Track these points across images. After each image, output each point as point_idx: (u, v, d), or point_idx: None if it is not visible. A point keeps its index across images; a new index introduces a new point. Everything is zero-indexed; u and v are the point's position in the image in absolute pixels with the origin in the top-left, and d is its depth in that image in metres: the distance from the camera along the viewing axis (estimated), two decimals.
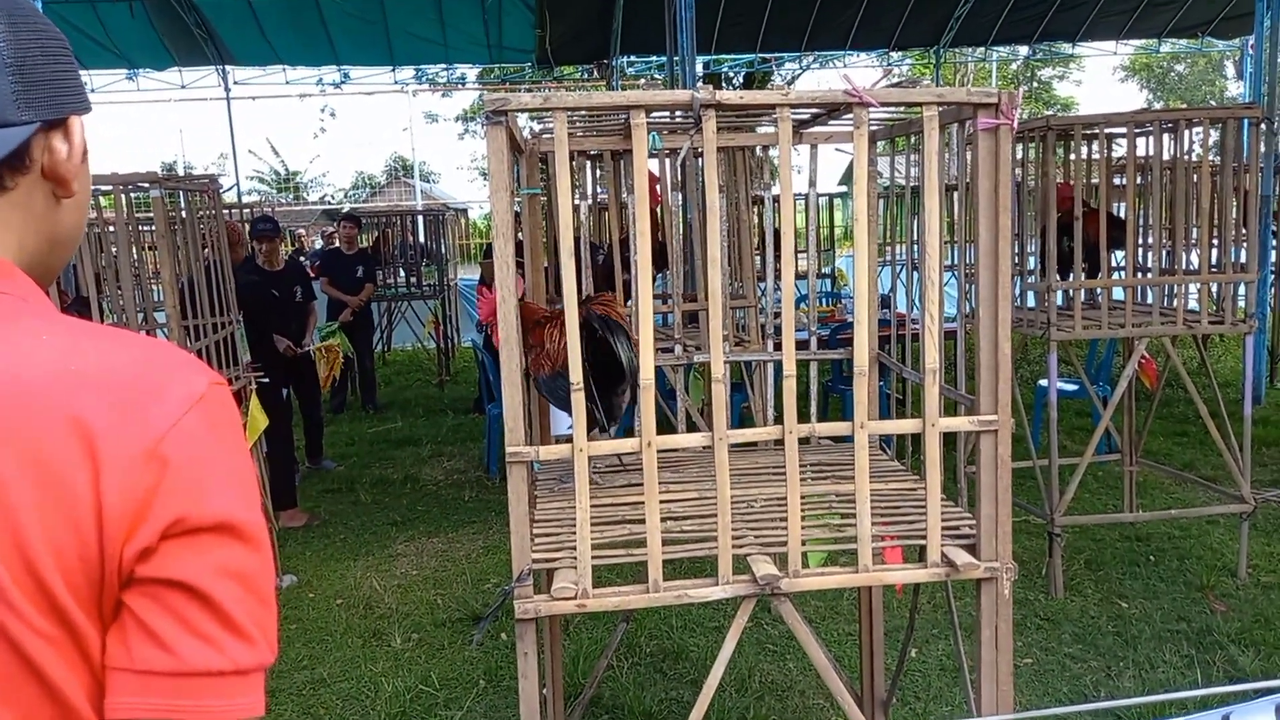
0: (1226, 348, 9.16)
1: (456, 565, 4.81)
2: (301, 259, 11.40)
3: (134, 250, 3.86)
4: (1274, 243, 7.20)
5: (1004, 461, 1.82)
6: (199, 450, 0.72)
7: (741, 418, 5.67)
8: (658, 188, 3.26)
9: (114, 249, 3.70)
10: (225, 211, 4.75)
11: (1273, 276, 7.49)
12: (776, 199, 5.32)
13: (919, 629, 3.73)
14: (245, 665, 0.72)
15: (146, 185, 3.68)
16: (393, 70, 12.15)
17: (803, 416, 2.60)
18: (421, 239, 11.24)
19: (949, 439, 2.80)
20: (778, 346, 2.83)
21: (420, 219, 11.43)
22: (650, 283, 1.65)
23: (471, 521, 5.48)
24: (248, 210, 10.68)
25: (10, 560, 0.67)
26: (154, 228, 3.86)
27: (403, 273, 10.65)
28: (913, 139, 2.41)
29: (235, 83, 12.20)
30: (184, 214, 4.11)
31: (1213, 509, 4.53)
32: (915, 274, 3.74)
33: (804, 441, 1.81)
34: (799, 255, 7.83)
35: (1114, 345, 6.15)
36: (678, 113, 2.56)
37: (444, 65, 13.19)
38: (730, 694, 3.40)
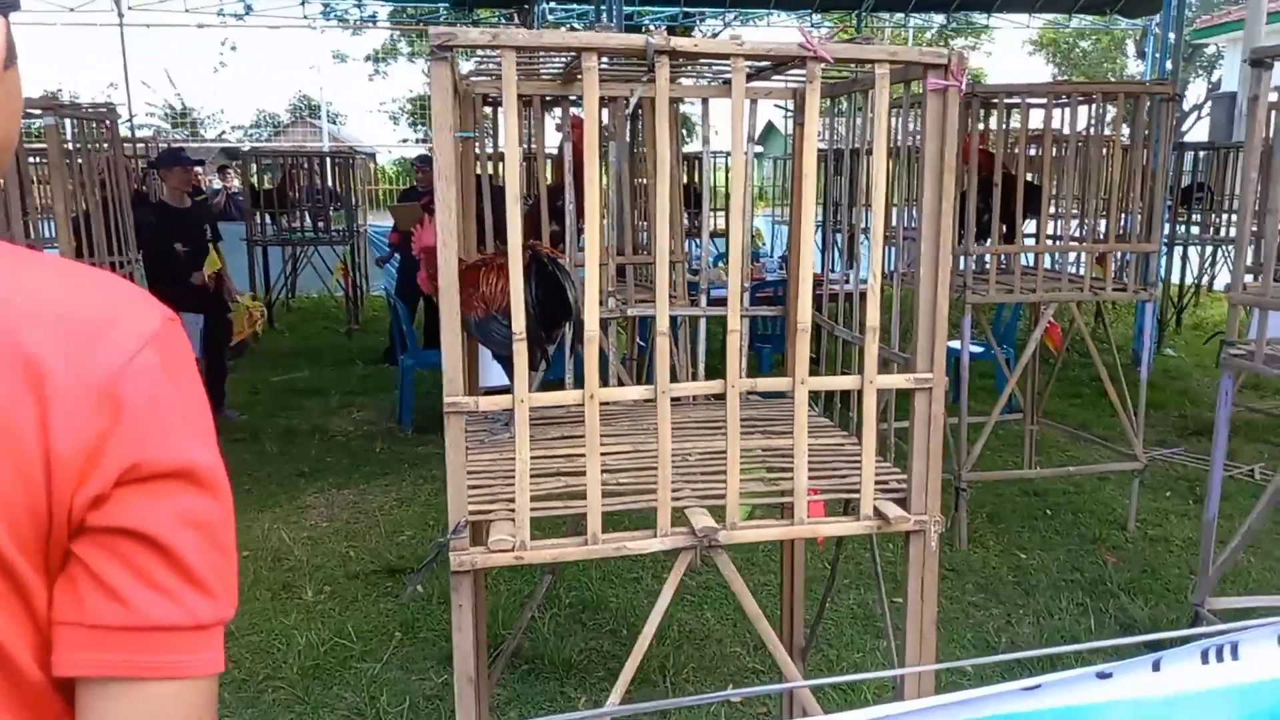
0: (1118, 315, 9.60)
1: (369, 517, 4.72)
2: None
3: (22, 183, 3.61)
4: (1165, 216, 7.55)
5: (937, 419, 1.86)
6: (155, 390, 0.66)
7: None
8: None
9: (0, 180, 3.45)
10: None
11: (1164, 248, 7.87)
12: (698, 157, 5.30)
13: (826, 579, 3.84)
14: (205, 619, 0.68)
15: (39, 112, 3.43)
16: (302, 4, 11.61)
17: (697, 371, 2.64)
18: (329, 183, 10.84)
19: (848, 396, 2.86)
20: (699, 303, 2.84)
21: (328, 161, 11.02)
22: (598, 235, 1.62)
23: (384, 474, 5.38)
24: (141, 145, 10.11)
25: None
26: (47, 158, 3.61)
27: (308, 217, 10.28)
28: (840, 101, 2.41)
29: (129, 8, 11.49)
30: (77, 145, 3.86)
31: (1106, 466, 4.77)
32: (836, 234, 3.78)
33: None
34: (718, 214, 7.84)
35: (1018, 310, 6.38)
36: (617, 60, 2.50)
37: (355, 2, 12.69)
38: (650, 643, 3.44)
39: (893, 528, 1.86)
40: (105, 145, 4.02)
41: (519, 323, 1.61)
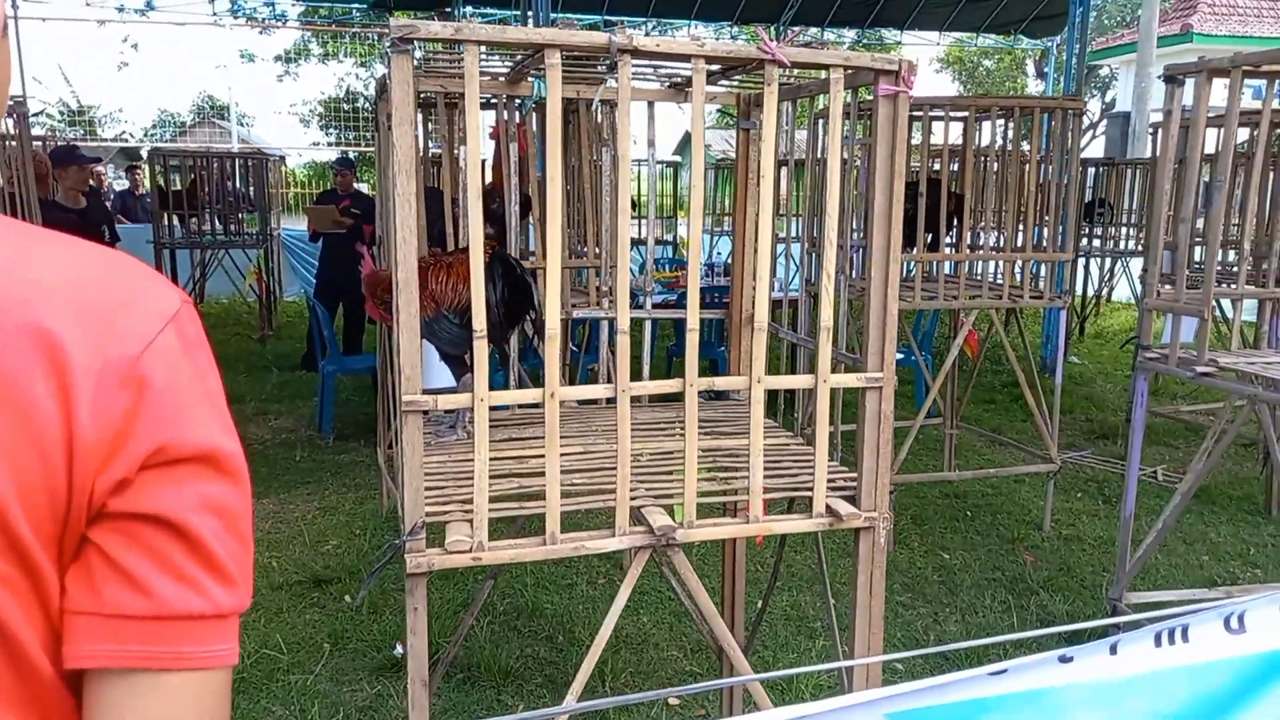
0: (1025, 323, 9.98)
1: (291, 527, 4.59)
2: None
3: None
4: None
5: (887, 418, 1.90)
6: (176, 372, 0.64)
7: (588, 379, 5.68)
8: (528, 137, 3.19)
9: None
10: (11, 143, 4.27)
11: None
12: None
13: (762, 582, 3.89)
14: (225, 608, 0.65)
15: None
16: (210, 1, 11.25)
17: (637, 376, 2.65)
18: (238, 185, 10.52)
19: (792, 398, 2.92)
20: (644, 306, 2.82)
21: (238, 163, 10.68)
22: (560, 234, 1.61)
23: (305, 482, 5.24)
24: (36, 144, 9.63)
25: None
26: None
27: (218, 220, 9.94)
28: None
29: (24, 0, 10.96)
30: None
31: (1022, 468, 4.94)
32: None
33: (677, 397, 1.82)
34: (640, 221, 7.84)
35: (936, 317, 6.57)
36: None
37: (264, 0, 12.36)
38: (587, 649, 3.43)
39: (844, 524, 1.90)
40: (12, 143, 3.82)
41: (480, 320, 1.58)
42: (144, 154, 10.40)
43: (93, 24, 13.92)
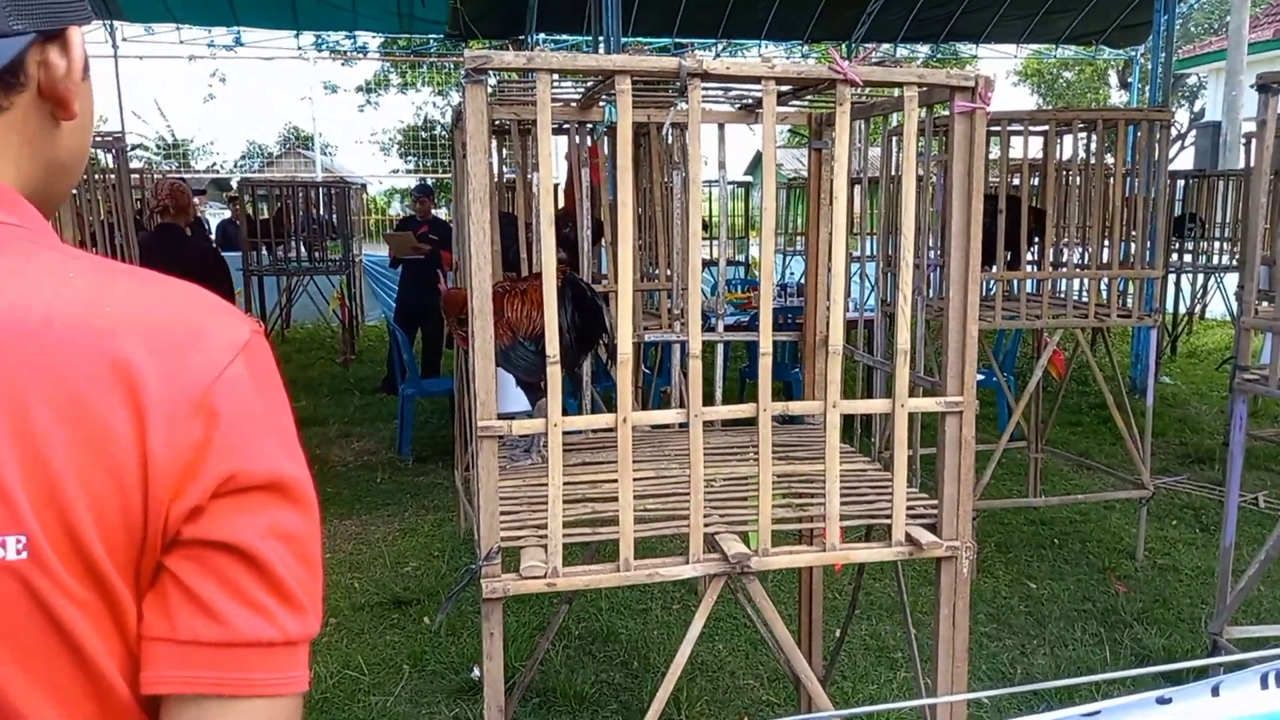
0: (1113, 342, 9.65)
1: (373, 548, 4.67)
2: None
3: None
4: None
5: (968, 443, 1.85)
6: (247, 402, 0.65)
7: (660, 402, 5.67)
8: (599, 163, 3.21)
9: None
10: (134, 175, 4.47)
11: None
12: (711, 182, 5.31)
13: (840, 610, 3.81)
14: (295, 636, 0.66)
15: None
16: (296, 36, 11.67)
17: (709, 399, 2.62)
18: (322, 212, 10.85)
19: (868, 422, 2.86)
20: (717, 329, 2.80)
21: (322, 192, 11.03)
22: (631, 257, 1.61)
23: (386, 504, 5.33)
24: (135, 176, 10.09)
25: (47, 519, 0.59)
26: None
27: (303, 247, 10.27)
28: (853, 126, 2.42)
29: (123, 39, 11.53)
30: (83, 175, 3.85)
31: (1112, 494, 4.76)
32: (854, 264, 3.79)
33: (750, 421, 1.79)
34: (710, 243, 7.82)
35: (1018, 336, 6.40)
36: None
37: (346, 33, 12.75)
38: (662, 675, 3.40)
39: (925, 554, 1.84)
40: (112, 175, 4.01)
41: (553, 346, 1.59)
42: (234, 184, 10.81)
43: (184, 59, 14.54)
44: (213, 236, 11.90)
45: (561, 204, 4.22)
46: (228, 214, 13.89)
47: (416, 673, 3.43)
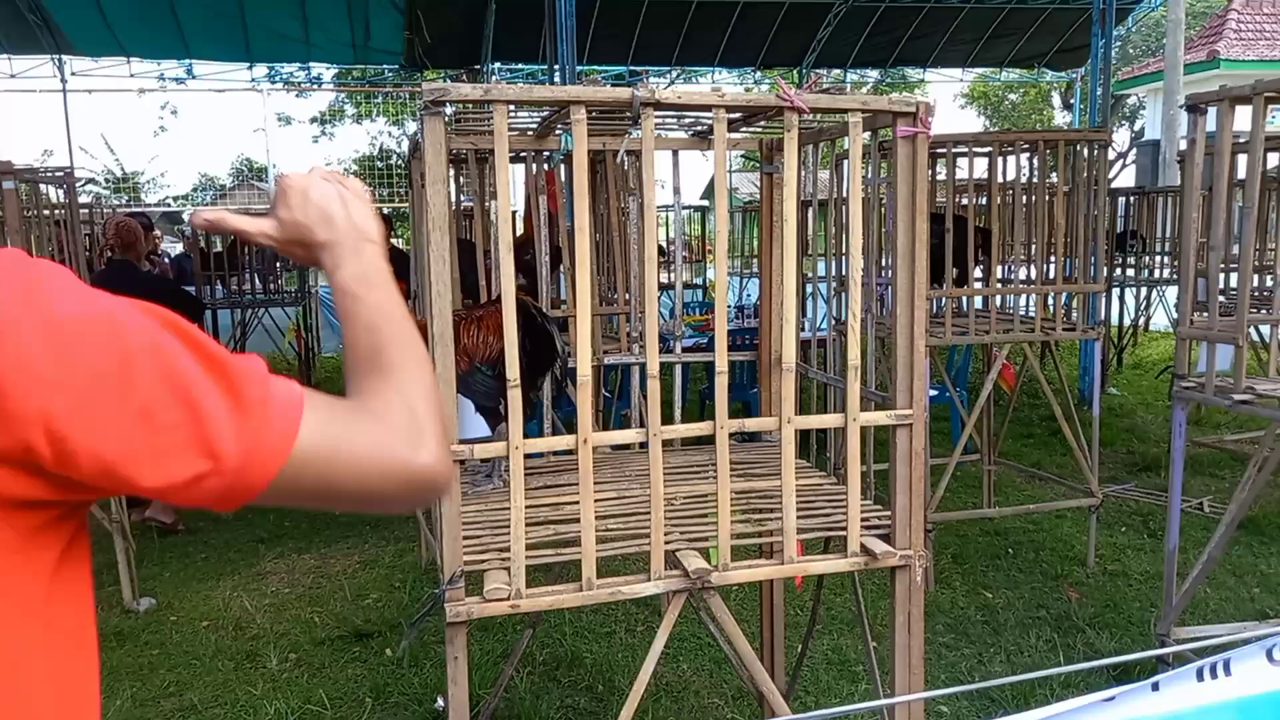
0: (1061, 356, 9.88)
1: (333, 581, 4.62)
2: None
3: None
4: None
5: (918, 455, 1.91)
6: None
7: (621, 424, 5.70)
8: (557, 190, 3.26)
9: None
10: (83, 210, 4.42)
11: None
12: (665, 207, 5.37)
13: (802, 625, 3.85)
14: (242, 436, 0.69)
15: None
16: (249, 68, 11.62)
17: (668, 419, 2.66)
18: None
19: (823, 438, 2.92)
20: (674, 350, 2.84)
21: None
22: (588, 282, 1.65)
23: (345, 536, 5.28)
24: (84, 211, 9.96)
25: None
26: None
27: (258, 279, 10.17)
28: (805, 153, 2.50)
29: (72, 73, 11.40)
30: (30, 212, 3.80)
31: (1063, 503, 4.87)
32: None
33: (709, 440, 1.83)
34: (667, 267, 7.87)
35: (969, 353, 6.53)
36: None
37: (300, 65, 12.72)
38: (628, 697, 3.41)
39: (879, 563, 1.89)
40: (61, 211, 3.97)
41: (513, 370, 1.62)
42: (186, 217, 10.69)
43: (134, 93, 14.41)
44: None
45: (520, 231, 4.26)
46: (180, 248, 13.73)
47: (379, 705, 3.40)
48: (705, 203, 14.90)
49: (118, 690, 3.54)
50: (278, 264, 10.43)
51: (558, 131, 2.49)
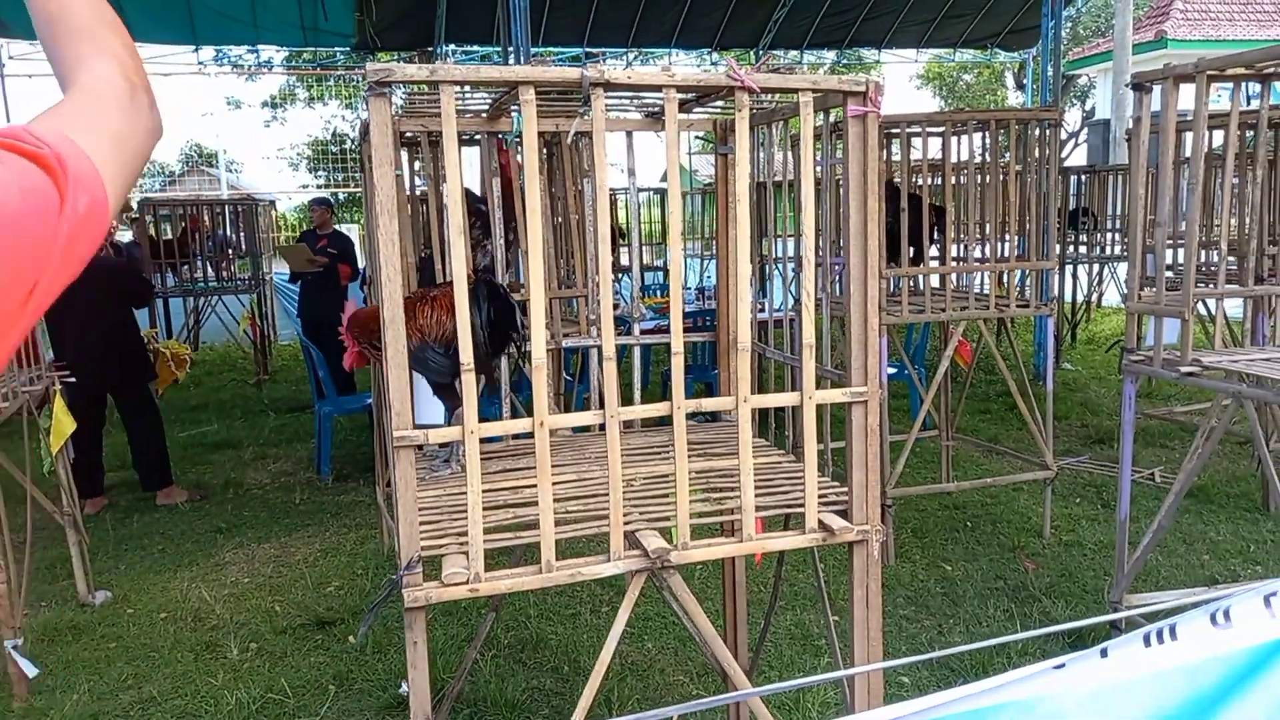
0: (1017, 333, 10.04)
1: (293, 570, 4.58)
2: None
3: None
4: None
5: (873, 431, 1.92)
6: None
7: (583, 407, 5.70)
8: (513, 168, 3.23)
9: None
10: None
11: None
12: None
13: (763, 601, 3.88)
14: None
15: None
16: (195, 50, 11.37)
17: (628, 401, 2.66)
18: (229, 232, 10.59)
19: (782, 416, 2.95)
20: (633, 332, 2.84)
21: (229, 210, 10.76)
22: (540, 262, 1.64)
23: (305, 525, 5.23)
24: None
25: None
26: None
27: (209, 267, 10.00)
28: (759, 132, 2.50)
29: (10, 57, 11.07)
30: None
31: (1020, 476, 4.96)
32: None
33: (669, 420, 1.83)
34: (625, 249, 7.88)
35: (926, 330, 6.61)
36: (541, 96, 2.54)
37: (248, 47, 12.46)
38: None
39: (837, 539, 1.91)
40: None
41: (467, 353, 1.61)
42: (134, 204, 10.44)
43: None
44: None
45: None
46: (129, 236, 13.44)
47: (343, 692, 3.38)
48: (664, 185, 14.88)
49: (74, 685, 3.49)
50: (229, 251, 10.27)
51: (510, 113, 2.47)
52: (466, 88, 3.11)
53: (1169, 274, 4.30)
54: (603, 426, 1.76)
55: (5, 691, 3.43)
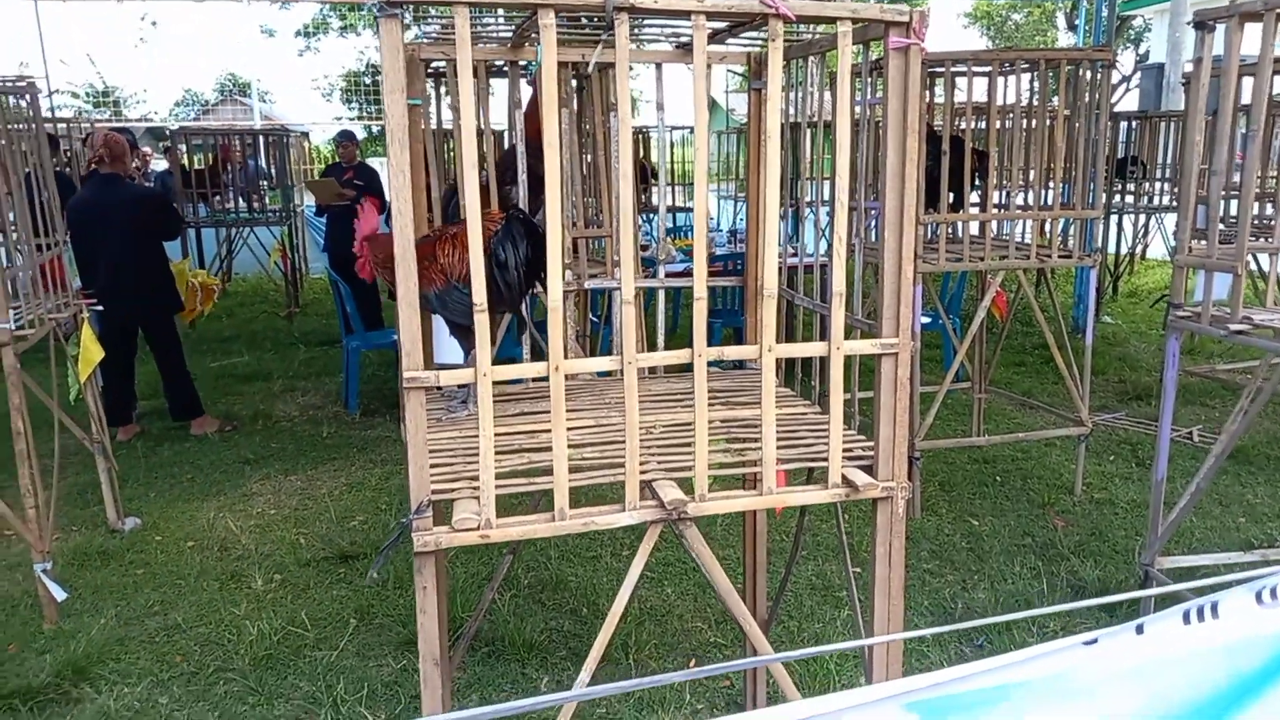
0: (1056, 283, 9.80)
1: (318, 503, 4.61)
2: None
3: None
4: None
5: (903, 384, 1.85)
6: None
7: (609, 349, 5.64)
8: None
9: None
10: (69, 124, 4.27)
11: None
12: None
13: (785, 550, 3.85)
14: None
15: None
16: None
17: (652, 345, 2.59)
18: (262, 162, 10.54)
19: (809, 365, 2.87)
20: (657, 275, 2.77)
21: (261, 140, 10.70)
22: (559, 200, 1.56)
23: (331, 459, 5.26)
24: (62, 125, 9.69)
25: None
26: None
27: (241, 198, 9.97)
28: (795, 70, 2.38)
29: None
30: None
31: (1053, 432, 4.85)
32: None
33: (690, 367, 1.76)
34: (654, 188, 7.73)
35: (964, 279, 6.45)
36: (565, 25, 2.43)
37: None
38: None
39: (861, 495, 1.85)
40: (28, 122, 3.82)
41: (480, 295, 1.54)
42: (168, 133, 10.39)
43: (111, 3, 13.96)
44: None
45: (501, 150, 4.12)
46: (164, 164, 13.46)
47: (363, 626, 3.41)
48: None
49: (102, 609, 3.55)
50: (261, 182, 10.24)
51: (533, 38, 2.36)
52: (499, 15, 3.00)
53: (1220, 227, 4.12)
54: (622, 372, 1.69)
55: (35, 614, 3.50)
